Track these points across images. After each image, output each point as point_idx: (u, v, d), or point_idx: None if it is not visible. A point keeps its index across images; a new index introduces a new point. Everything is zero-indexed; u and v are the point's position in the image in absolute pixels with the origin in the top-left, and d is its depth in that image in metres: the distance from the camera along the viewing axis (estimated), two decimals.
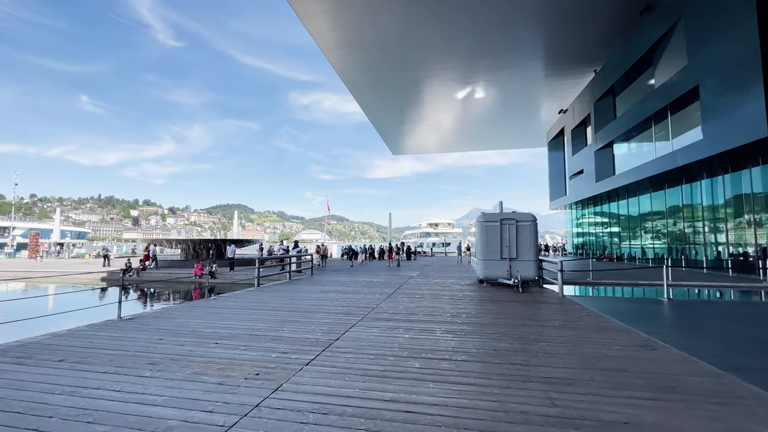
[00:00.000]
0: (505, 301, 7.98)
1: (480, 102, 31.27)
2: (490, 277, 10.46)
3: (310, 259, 15.09)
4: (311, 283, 11.68)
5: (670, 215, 20.60)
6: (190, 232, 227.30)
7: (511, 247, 10.18)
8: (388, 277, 13.41)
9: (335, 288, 10.31)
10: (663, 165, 17.76)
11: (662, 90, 17.76)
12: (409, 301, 8.07)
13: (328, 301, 8.06)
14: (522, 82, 27.51)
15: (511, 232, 10.23)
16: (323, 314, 6.55)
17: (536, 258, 10.18)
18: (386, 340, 4.81)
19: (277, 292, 9.50)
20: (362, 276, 13.99)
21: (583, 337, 5.01)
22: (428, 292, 9.40)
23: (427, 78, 26.81)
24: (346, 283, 11.62)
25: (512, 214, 10.35)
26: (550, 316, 6.43)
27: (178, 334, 5.13)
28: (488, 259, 10.33)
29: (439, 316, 6.46)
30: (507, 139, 44.41)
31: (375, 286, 10.68)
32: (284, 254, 15.47)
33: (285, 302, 7.85)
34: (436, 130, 38.99)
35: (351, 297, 8.60)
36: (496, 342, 4.74)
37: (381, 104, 31.84)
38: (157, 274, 16.35)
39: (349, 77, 26.53)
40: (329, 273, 15.39)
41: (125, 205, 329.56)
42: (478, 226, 10.57)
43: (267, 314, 6.55)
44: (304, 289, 10.00)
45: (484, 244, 10.40)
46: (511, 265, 10.04)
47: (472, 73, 26.02)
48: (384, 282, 11.84)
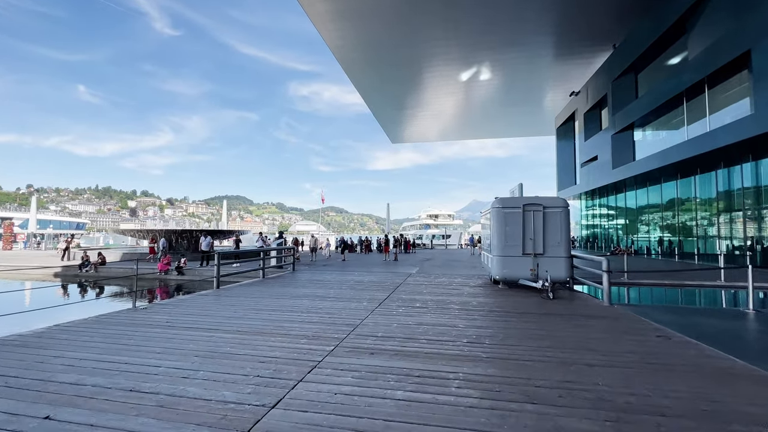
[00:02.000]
0: (539, 315, 5.84)
1: (483, 85, 29.00)
2: (508, 277, 8.32)
3: (292, 253, 12.93)
4: (287, 283, 9.55)
5: (704, 204, 18.41)
6: (183, 223, 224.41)
7: (537, 240, 8.03)
8: (382, 275, 11.28)
9: (314, 291, 8.18)
10: (698, 147, 15.54)
11: (699, 61, 15.45)
12: (406, 313, 5.93)
13: (295, 313, 5.92)
14: (529, 63, 25.21)
15: (537, 221, 8.07)
16: (277, 340, 4.41)
17: (568, 254, 8.04)
18: (362, 409, 2.67)
19: (236, 297, 7.36)
20: (352, 273, 11.86)
21: (706, 394, 2.88)
22: (431, 299, 7.26)
23: (428, 58, 24.47)
24: (330, 283, 9.49)
25: (538, 199, 8.18)
26: (620, 345, 4.30)
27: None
28: (507, 255, 8.19)
29: (449, 343, 4.32)
30: (511, 126, 42.10)
31: (364, 289, 8.56)
32: (259, 248, 13.29)
33: (236, 315, 5.72)
34: (437, 116, 36.73)
35: (329, 306, 6.47)
36: (565, 414, 2.61)
37: (380, 88, 29.50)
38: (117, 269, 14.24)
39: (346, 56, 24.15)
40: (316, 269, 13.29)
41: (123, 196, 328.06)
42: (494, 214, 8.41)
43: (197, 339, 4.41)
44: (274, 294, 7.87)
45: (501, 236, 8.25)
46: (537, 263, 7.90)
47: (477, 52, 23.66)
48: (377, 282, 9.71)
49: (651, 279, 11.67)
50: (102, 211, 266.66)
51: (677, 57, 18.05)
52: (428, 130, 42.38)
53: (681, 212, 19.95)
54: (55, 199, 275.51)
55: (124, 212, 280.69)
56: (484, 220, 10.15)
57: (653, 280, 11.51)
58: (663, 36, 18.01)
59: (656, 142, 20.41)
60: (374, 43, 22.55)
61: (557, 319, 5.56)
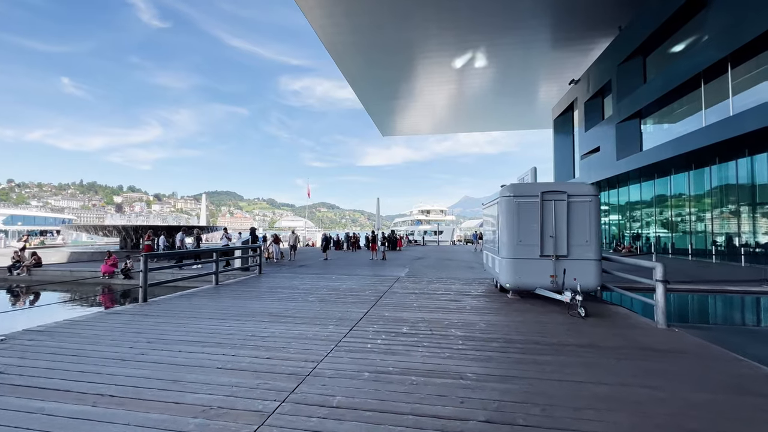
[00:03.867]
0: (579, 349, 4.01)
1: (478, 73, 27.29)
2: (522, 286, 6.50)
3: (263, 252, 10.96)
4: (241, 293, 7.59)
5: (724, 197, 16.87)
6: (177, 219, 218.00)
7: (560, 239, 6.22)
8: (364, 280, 9.39)
9: (269, 306, 6.25)
10: (719, 133, 13.93)
11: (720, 37, 13.81)
12: (387, 348, 4.05)
13: (220, 348, 3.99)
14: (525, 49, 23.59)
15: (560, 213, 6.25)
16: (167, 412, 2.50)
17: (599, 256, 6.25)
18: None
19: (155, 317, 5.40)
20: (330, 277, 9.94)
21: None
22: (423, 318, 5.40)
23: (421, 42, 22.61)
24: (297, 292, 7.56)
25: (560, 185, 6.36)
26: (753, 423, 2.47)
27: None
28: (520, 257, 6.37)
29: (456, 424, 2.45)
30: (505, 118, 40.47)
31: (338, 301, 6.66)
32: (204, 249, 11.26)
33: (124, 354, 3.78)
34: (429, 108, 34.94)
35: (279, 335, 4.56)
36: None
37: (370, 75, 27.51)
38: (54, 272, 12.08)
39: (333, 38, 22.07)
40: (291, 270, 11.36)
41: (108, 192, 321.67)
42: (504, 204, 6.57)
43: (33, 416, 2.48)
44: (214, 310, 5.93)
45: (513, 234, 6.42)
46: (563, 268, 6.08)
47: (471, 35, 21.88)
48: (356, 290, 7.82)
49: (696, 284, 9.43)
50: (86, 207, 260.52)
51: (693, 36, 16.41)
52: (420, 123, 40.64)
53: (694, 206, 18.42)
54: (37, 194, 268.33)
55: (109, 208, 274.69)
56: (487, 213, 8.31)
57: (701, 286, 9.26)
58: (678, 12, 16.33)
59: (668, 130, 18.82)
60: (364, 25, 20.57)
61: (609, 356, 3.74)
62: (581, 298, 5.40)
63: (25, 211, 63.36)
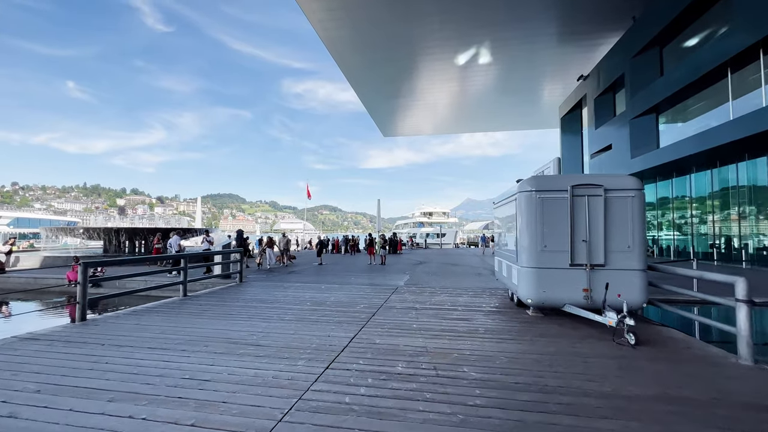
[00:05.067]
0: (650, 404, 2.76)
1: (481, 71, 26.16)
2: (547, 302, 5.25)
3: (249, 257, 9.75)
4: (207, 309, 6.37)
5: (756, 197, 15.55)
6: (179, 222, 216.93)
7: (595, 244, 4.97)
8: (357, 290, 8.15)
9: (236, 328, 5.02)
10: (751, 126, 12.67)
11: (750, 21, 12.58)
12: (371, 404, 2.82)
13: (147, 400, 2.77)
14: (531, 44, 22.42)
15: (595, 212, 5.01)
16: None
17: (644, 264, 4.99)
18: None
19: (84, 346, 4.19)
20: (318, 286, 8.70)
21: None
22: (424, 346, 4.16)
23: (422, 38, 21.52)
24: (274, 307, 6.33)
25: (595, 177, 5.12)
26: None
27: None
28: (544, 266, 5.13)
29: None
30: (509, 118, 39.23)
31: (319, 320, 5.43)
32: (178, 253, 10.07)
33: (11, 406, 2.57)
34: (431, 108, 33.84)
35: (233, 373, 3.34)
36: None
37: (371, 74, 26.42)
38: (17, 279, 10.91)
39: (332, 34, 20.98)
40: (278, 278, 10.16)
41: (111, 194, 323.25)
42: (523, 201, 5.34)
43: None
44: (169, 331, 4.71)
45: (535, 237, 5.18)
46: (605, 282, 4.83)
47: (474, 30, 20.78)
48: (344, 305, 6.58)
49: None
50: (90, 210, 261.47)
51: (717, 22, 15.15)
52: (422, 123, 39.52)
53: (719, 207, 17.09)
54: (41, 197, 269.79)
55: (112, 210, 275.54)
56: (501, 212, 7.07)
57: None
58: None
59: (688, 126, 17.51)
60: (363, 20, 19.48)
61: (708, 423, 2.49)
62: (632, 322, 4.14)
63: (29, 214, 62.91)
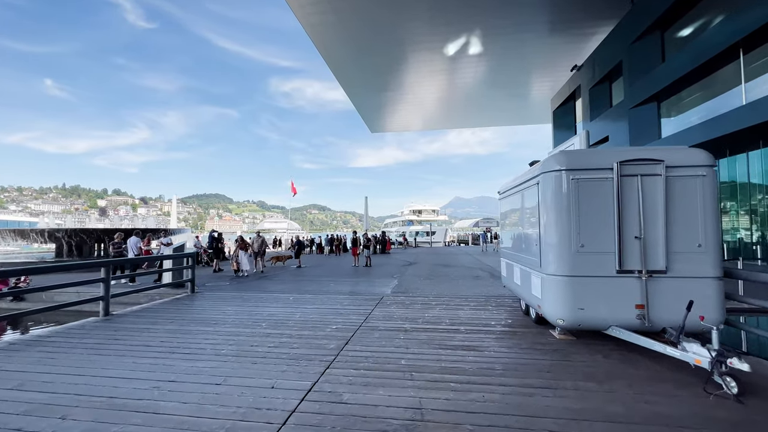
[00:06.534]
0: None
1: (470, 62, 24.99)
2: (587, 322, 3.79)
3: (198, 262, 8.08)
4: (123, 337, 4.76)
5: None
6: (165, 222, 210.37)
7: (653, 241, 3.54)
8: (331, 303, 6.61)
9: (137, 375, 3.45)
10: None
11: None
12: None
13: None
14: (520, 35, 21.27)
15: (652, 197, 3.58)
16: None
17: (720, 270, 3.57)
18: None
19: None
20: (286, 298, 7.14)
21: None
22: (417, 407, 2.67)
23: (408, 25, 20.10)
24: (215, 333, 4.76)
25: (651, 150, 3.67)
26: None
27: None
28: (581, 273, 3.67)
29: None
30: (499, 112, 38.19)
31: (268, 357, 3.88)
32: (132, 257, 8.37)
33: None
34: (419, 101, 32.56)
35: None
36: None
37: (355, 63, 24.93)
38: None
39: (312, 20, 19.35)
40: (242, 286, 8.55)
41: (92, 195, 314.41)
42: (550, 184, 3.87)
43: None
44: (32, 385, 3.11)
45: (567, 233, 3.72)
46: (689, 301, 3.38)
47: (463, 18, 19.46)
48: (311, 326, 5.04)
49: None
50: (68, 211, 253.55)
51: (724, 1, 14.06)
52: (410, 118, 38.23)
53: (730, 201, 16.03)
54: (16, 198, 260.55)
55: (92, 212, 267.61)
56: (510, 202, 5.60)
57: None
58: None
59: (693, 113, 16.44)
60: (349, 8, 17.93)
61: None
62: (734, 361, 2.70)
63: (9, 216, 59.72)
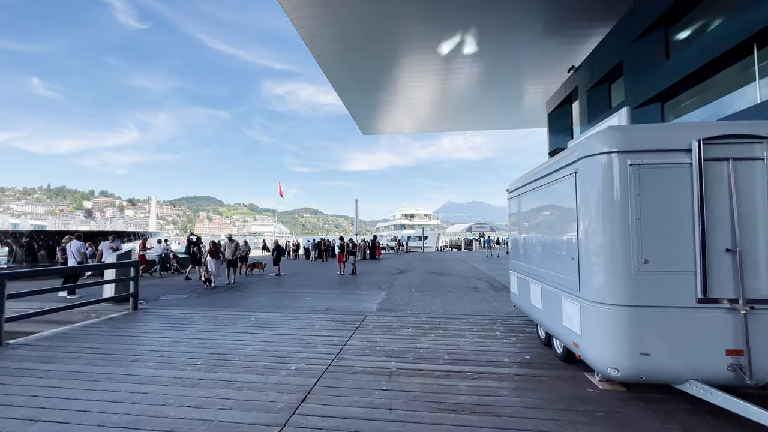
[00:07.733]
0: None
1: (464, 64, 23.97)
2: (654, 374, 2.58)
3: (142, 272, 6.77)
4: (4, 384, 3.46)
5: None
6: (128, 225, 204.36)
7: (753, 257, 2.36)
8: (299, 326, 5.35)
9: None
10: None
11: None
12: None
13: None
14: (515, 35, 20.30)
15: (749, 190, 2.41)
16: None
17: None
18: None
19: None
20: (243, 320, 5.85)
21: None
22: None
23: (401, 23, 19.02)
24: (122, 381, 3.50)
25: (745, 125, 2.51)
26: None
27: None
28: (643, 302, 2.47)
29: None
30: (493, 116, 37.37)
31: (175, 431, 2.64)
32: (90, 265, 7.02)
33: None
34: (412, 103, 31.58)
35: None
36: None
37: (347, 62, 23.61)
38: None
39: (301, 13, 18.15)
40: (199, 300, 7.24)
41: (78, 197, 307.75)
42: (595, 173, 2.68)
43: None
44: None
45: (622, 243, 2.52)
46: (757, 329, 2.24)
47: (456, 17, 18.47)
48: (262, 367, 3.80)
49: None
50: (53, 212, 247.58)
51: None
52: (403, 121, 37.28)
53: None
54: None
55: (78, 213, 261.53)
56: (528, 203, 4.43)
57: None
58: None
59: (699, 113, 15.60)
60: (340, 4, 16.81)
61: None
62: None
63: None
